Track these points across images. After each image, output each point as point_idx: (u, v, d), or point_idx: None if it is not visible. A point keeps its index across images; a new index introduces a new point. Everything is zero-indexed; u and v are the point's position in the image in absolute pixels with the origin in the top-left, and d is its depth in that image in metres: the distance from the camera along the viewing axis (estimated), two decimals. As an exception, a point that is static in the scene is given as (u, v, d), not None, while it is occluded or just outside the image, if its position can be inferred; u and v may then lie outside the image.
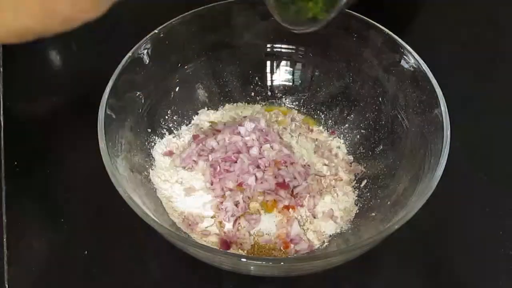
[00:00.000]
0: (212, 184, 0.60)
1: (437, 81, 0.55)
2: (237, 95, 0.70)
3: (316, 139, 0.67)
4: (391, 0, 0.88)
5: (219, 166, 0.60)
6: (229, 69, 0.69)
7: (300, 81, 0.70)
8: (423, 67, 0.57)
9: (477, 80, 0.78)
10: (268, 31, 0.67)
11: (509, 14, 0.88)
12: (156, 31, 0.60)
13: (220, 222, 0.58)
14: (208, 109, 0.69)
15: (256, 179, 0.59)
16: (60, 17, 0.33)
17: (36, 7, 0.32)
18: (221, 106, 0.70)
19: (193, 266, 0.58)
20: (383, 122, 0.63)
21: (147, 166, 0.62)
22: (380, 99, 0.64)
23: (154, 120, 0.65)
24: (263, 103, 0.71)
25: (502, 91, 0.77)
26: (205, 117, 0.68)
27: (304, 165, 0.62)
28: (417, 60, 0.57)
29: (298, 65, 0.69)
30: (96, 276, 0.58)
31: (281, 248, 0.57)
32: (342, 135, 0.67)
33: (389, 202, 0.57)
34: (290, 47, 0.68)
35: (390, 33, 0.60)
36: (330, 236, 0.58)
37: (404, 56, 0.59)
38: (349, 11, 0.62)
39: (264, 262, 0.48)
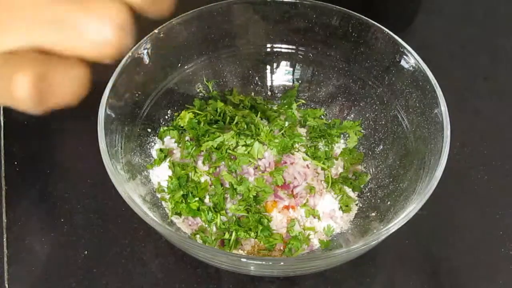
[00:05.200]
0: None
1: (437, 81, 0.55)
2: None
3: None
4: (391, 0, 0.88)
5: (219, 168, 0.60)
6: (229, 69, 0.69)
7: (300, 81, 0.70)
8: (423, 67, 0.57)
9: (476, 80, 0.78)
10: (268, 31, 0.67)
11: (508, 14, 0.88)
12: (156, 31, 0.60)
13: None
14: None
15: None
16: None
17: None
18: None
19: (193, 266, 0.58)
20: (383, 122, 0.63)
21: (147, 166, 0.62)
22: (380, 99, 0.64)
23: (154, 120, 0.65)
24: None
25: (502, 91, 0.77)
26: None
27: (304, 165, 0.62)
28: (417, 60, 0.57)
29: (298, 65, 0.69)
30: (96, 276, 0.58)
31: (281, 248, 0.57)
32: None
33: (389, 202, 0.57)
34: (290, 47, 0.68)
35: (390, 33, 0.60)
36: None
37: (404, 56, 0.59)
38: (349, 11, 0.62)
39: (264, 262, 0.48)
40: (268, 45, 0.68)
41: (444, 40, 0.83)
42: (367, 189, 0.62)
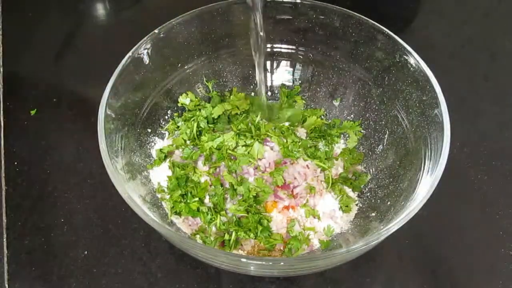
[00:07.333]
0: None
1: (437, 81, 0.55)
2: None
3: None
4: (390, 0, 0.88)
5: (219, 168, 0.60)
6: (229, 69, 0.69)
7: (300, 81, 0.70)
8: (423, 67, 0.57)
9: (476, 80, 0.78)
10: (268, 31, 0.67)
11: (509, 14, 0.88)
12: (156, 31, 0.60)
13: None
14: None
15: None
16: None
17: None
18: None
19: (193, 266, 0.58)
20: (383, 122, 0.63)
21: (147, 166, 0.62)
22: (380, 99, 0.64)
23: (154, 120, 0.65)
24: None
25: (502, 91, 0.77)
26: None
27: (304, 166, 0.62)
28: (417, 60, 0.57)
29: (298, 65, 0.69)
30: (96, 276, 0.58)
31: (281, 248, 0.57)
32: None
33: (389, 202, 0.57)
34: (290, 47, 0.68)
35: (390, 33, 0.60)
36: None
37: (404, 56, 0.59)
38: (348, 11, 0.62)
39: (264, 262, 0.48)
40: (268, 45, 0.68)
41: (444, 40, 0.83)
42: (367, 189, 0.62)
